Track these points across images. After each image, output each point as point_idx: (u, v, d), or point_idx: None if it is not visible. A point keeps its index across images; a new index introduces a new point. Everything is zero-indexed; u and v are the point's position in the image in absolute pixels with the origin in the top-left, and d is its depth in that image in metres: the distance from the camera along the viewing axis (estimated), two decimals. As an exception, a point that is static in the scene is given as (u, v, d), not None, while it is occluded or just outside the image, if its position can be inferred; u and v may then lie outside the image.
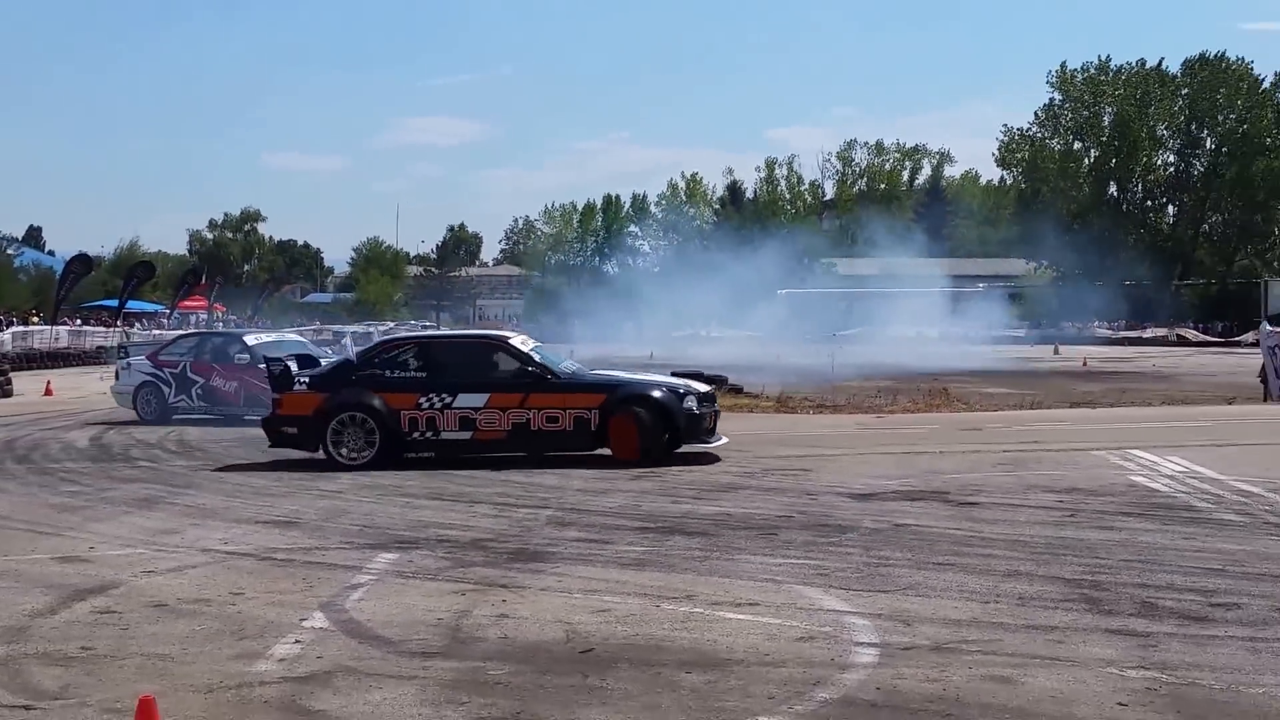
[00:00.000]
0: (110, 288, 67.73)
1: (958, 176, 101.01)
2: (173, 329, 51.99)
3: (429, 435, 13.67)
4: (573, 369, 14.61)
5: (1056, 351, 53.87)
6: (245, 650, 6.39)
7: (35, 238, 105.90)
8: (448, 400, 13.57)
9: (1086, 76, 79.91)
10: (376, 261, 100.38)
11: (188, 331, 25.20)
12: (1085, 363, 43.50)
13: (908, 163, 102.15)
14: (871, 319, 59.30)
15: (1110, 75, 79.73)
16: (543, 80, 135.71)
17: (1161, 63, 79.53)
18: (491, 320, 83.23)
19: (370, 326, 62.59)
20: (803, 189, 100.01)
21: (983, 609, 7.13)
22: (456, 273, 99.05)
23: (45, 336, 46.82)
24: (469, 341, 15.63)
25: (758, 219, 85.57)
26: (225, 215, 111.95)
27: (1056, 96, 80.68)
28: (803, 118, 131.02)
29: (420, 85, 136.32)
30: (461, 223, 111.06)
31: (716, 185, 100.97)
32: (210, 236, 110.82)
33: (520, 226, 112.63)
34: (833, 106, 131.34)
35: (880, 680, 5.82)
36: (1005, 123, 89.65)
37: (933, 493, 11.33)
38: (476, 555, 8.89)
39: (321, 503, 11.44)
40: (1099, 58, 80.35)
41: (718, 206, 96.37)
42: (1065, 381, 32.61)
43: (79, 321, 54.90)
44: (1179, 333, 58.85)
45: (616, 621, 6.97)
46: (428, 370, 13.89)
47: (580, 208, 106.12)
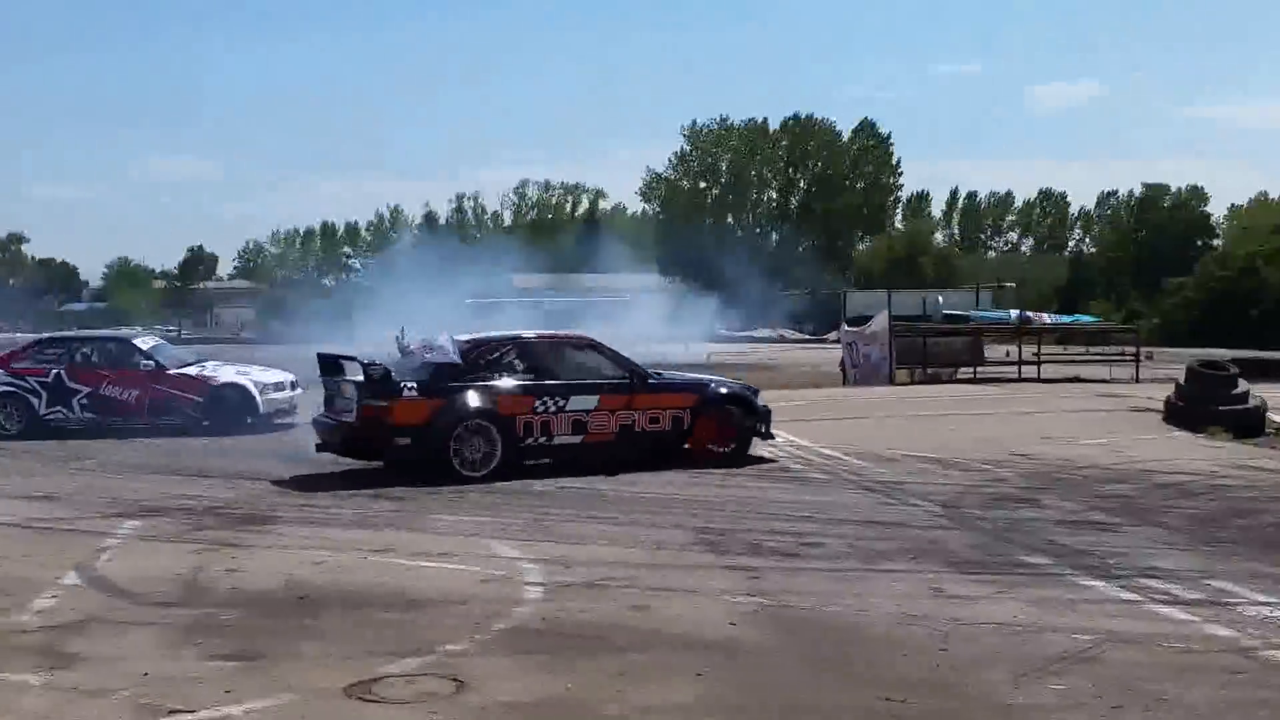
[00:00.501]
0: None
1: (609, 209, 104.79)
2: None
3: (543, 440, 11.12)
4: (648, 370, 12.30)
5: (687, 349, 55.78)
6: (7, 604, 6.23)
7: None
8: (561, 404, 11.19)
9: (709, 131, 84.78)
10: (127, 277, 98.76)
11: (49, 335, 18.07)
12: (708, 356, 45.28)
13: (569, 197, 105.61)
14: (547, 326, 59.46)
15: (728, 130, 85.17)
16: (270, 126, 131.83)
17: (765, 120, 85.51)
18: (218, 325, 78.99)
19: (130, 332, 57.72)
20: (486, 218, 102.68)
21: (626, 553, 7.41)
22: (196, 285, 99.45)
23: None
24: (565, 342, 12.37)
25: (450, 242, 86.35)
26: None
27: (687, 146, 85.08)
28: (490, 159, 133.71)
29: (168, 132, 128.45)
30: (200, 244, 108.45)
31: (415, 215, 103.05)
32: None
33: (251, 247, 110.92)
34: (508, 150, 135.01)
35: (546, 612, 6.02)
36: (648, 165, 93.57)
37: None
38: (210, 520, 8.78)
39: (78, 479, 10.98)
40: (719, 116, 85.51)
41: (416, 232, 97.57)
42: (692, 371, 33.77)
43: None
44: (781, 332, 62.36)
45: (329, 571, 7.02)
46: (535, 373, 11.32)
47: (302, 232, 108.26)
